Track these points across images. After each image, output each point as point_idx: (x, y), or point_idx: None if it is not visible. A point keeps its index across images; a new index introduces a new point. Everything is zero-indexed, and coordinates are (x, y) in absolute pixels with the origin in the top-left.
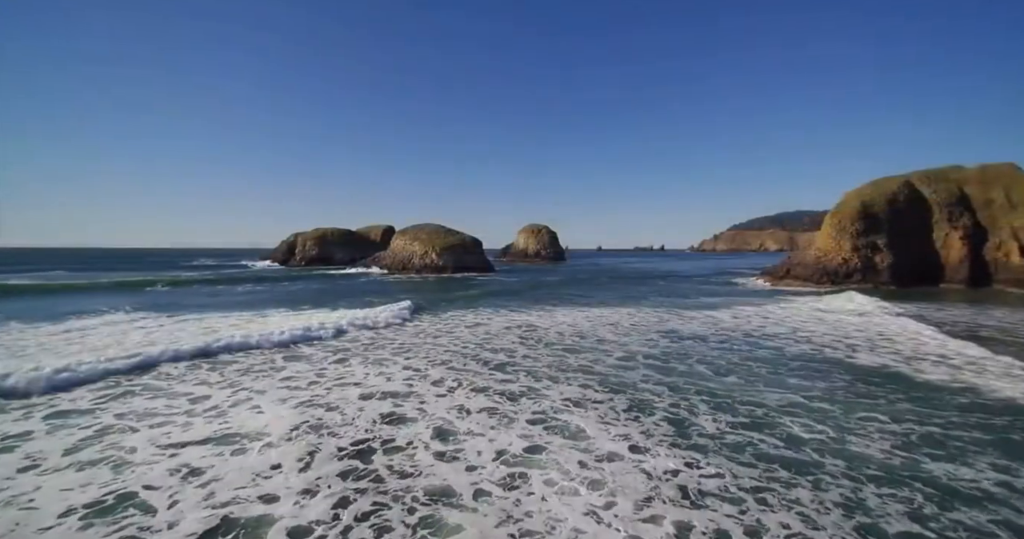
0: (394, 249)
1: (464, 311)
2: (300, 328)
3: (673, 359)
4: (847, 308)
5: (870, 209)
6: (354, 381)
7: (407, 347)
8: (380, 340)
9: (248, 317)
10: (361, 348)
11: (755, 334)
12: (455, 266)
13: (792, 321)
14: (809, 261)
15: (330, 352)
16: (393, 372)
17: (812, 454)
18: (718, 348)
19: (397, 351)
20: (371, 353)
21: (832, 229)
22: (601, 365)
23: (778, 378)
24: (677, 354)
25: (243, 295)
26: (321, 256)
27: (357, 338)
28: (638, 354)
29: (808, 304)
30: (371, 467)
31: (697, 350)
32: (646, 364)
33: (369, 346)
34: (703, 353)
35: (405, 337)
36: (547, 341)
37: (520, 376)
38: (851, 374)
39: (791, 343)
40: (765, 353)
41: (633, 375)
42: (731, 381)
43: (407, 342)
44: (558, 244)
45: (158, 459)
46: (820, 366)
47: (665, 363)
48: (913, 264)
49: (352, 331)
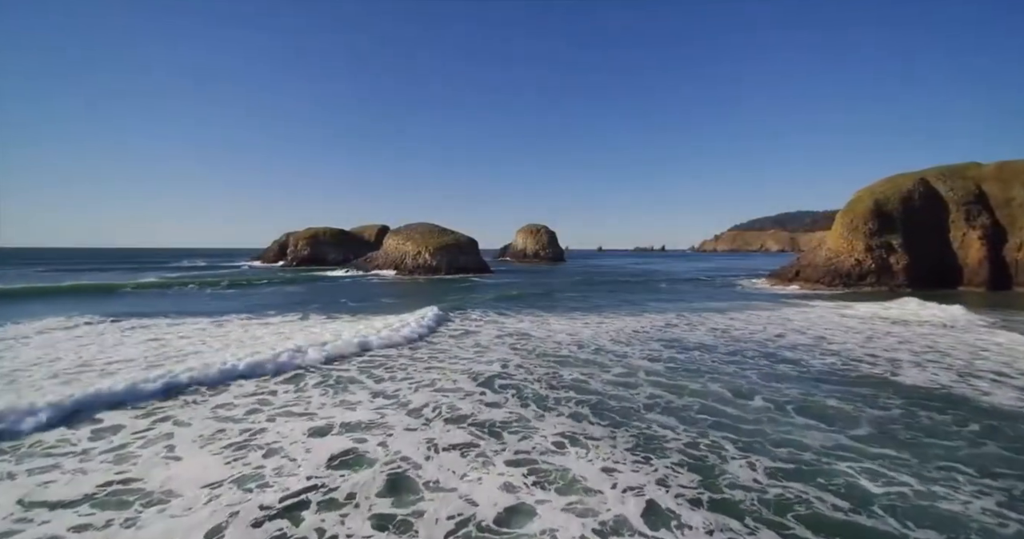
0: (386, 249)
1: (452, 318)
2: (247, 358)
3: (682, 376)
4: (919, 317)
5: (884, 207)
6: (305, 411)
7: (378, 363)
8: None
9: (204, 325)
10: (322, 374)
11: (771, 345)
12: (449, 267)
13: (815, 329)
14: (819, 262)
15: (280, 382)
16: (360, 399)
17: (889, 520)
18: (732, 362)
19: (364, 368)
20: (336, 371)
21: (844, 229)
22: (598, 381)
23: (816, 404)
24: (686, 369)
25: (209, 300)
26: (313, 256)
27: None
28: (640, 369)
29: (830, 309)
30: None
31: (708, 364)
32: (650, 382)
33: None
34: (715, 368)
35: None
36: (541, 351)
37: (508, 397)
38: (904, 398)
39: (817, 356)
40: (788, 369)
41: (637, 397)
42: (757, 407)
43: (378, 356)
44: (557, 244)
45: (15, 525)
46: (862, 388)
47: (672, 381)
48: (930, 265)
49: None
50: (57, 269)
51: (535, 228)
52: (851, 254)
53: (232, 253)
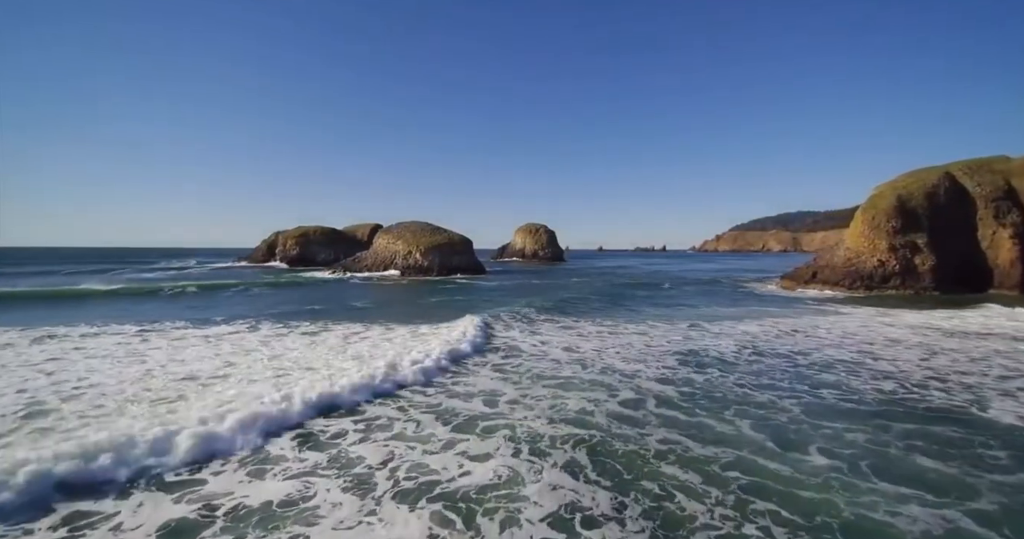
0: (376, 249)
1: (436, 328)
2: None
3: (702, 407)
4: (987, 328)
5: (907, 204)
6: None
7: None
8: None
9: (118, 340)
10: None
11: (805, 362)
12: (441, 267)
13: (853, 342)
14: (838, 263)
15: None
16: (287, 468)
17: None
18: (761, 386)
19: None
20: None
21: (865, 227)
22: (601, 414)
23: (896, 459)
24: (706, 396)
25: (163, 305)
26: (303, 256)
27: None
28: (649, 396)
29: (864, 317)
30: None
31: (732, 389)
32: (664, 418)
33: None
34: (743, 397)
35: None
36: (537, 372)
37: (497, 440)
38: (1011, 448)
39: (867, 379)
40: (836, 398)
41: (648, 440)
42: (814, 464)
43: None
44: (557, 244)
45: None
46: (946, 428)
47: (691, 416)
48: (956, 266)
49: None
50: (18, 272)
51: (534, 227)
52: (873, 254)
53: (225, 253)
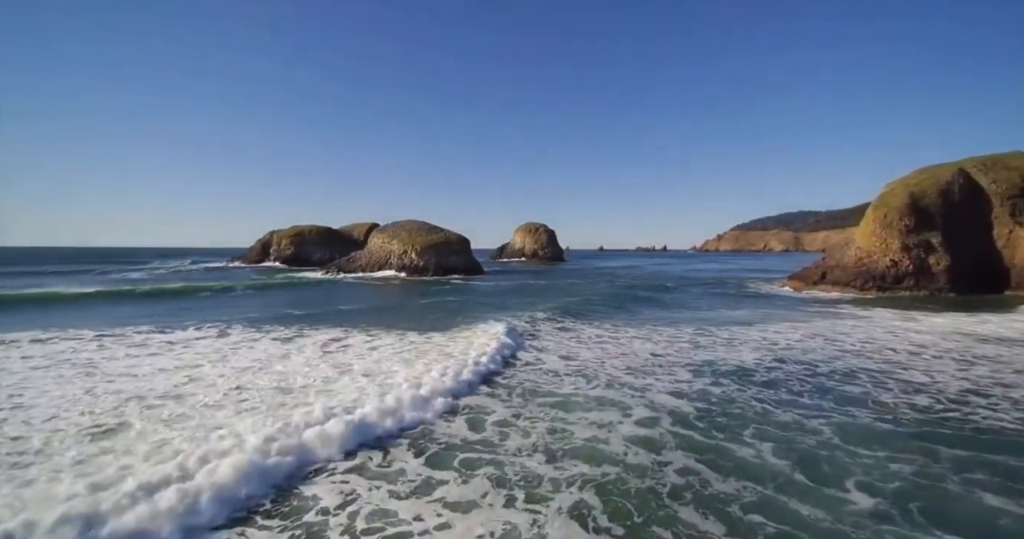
0: (370, 248)
1: (425, 335)
2: None
3: (720, 427)
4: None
5: (920, 202)
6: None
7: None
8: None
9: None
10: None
11: (826, 371)
12: (437, 267)
13: (876, 348)
14: (849, 263)
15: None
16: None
17: None
18: (783, 402)
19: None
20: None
21: (877, 225)
22: (614, 440)
23: (949, 495)
24: (724, 412)
25: (132, 307)
26: (297, 255)
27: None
28: (663, 413)
29: (881, 319)
30: None
31: (752, 405)
32: (680, 439)
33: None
34: (764, 414)
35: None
36: (531, 387)
37: (484, 485)
38: None
39: (898, 392)
40: (869, 416)
41: (665, 472)
42: (853, 505)
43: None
44: (557, 244)
45: None
46: (998, 455)
47: (709, 437)
48: (970, 266)
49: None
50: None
51: (534, 227)
52: (885, 254)
53: (225, 252)
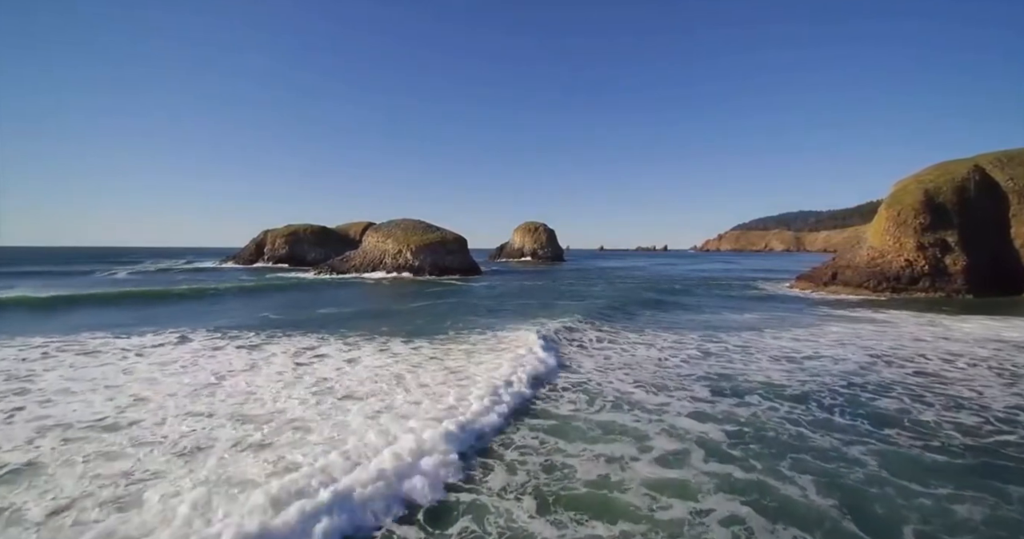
0: (365, 248)
1: (411, 344)
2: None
3: (754, 454)
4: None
5: (936, 199)
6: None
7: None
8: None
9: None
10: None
11: (858, 384)
12: (433, 267)
13: (907, 356)
14: (861, 263)
15: None
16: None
17: None
18: (816, 422)
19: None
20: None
21: (890, 224)
22: (630, 483)
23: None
24: (756, 437)
25: (93, 313)
26: (292, 255)
27: None
28: (690, 442)
29: (905, 325)
30: None
31: (784, 427)
32: (715, 478)
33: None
34: (800, 438)
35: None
36: (522, 407)
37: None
38: None
39: (940, 409)
40: (913, 443)
41: (707, 524)
42: None
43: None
44: (556, 243)
45: None
46: None
47: (747, 470)
48: (986, 266)
49: None
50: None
51: (533, 226)
52: (900, 253)
53: (223, 252)
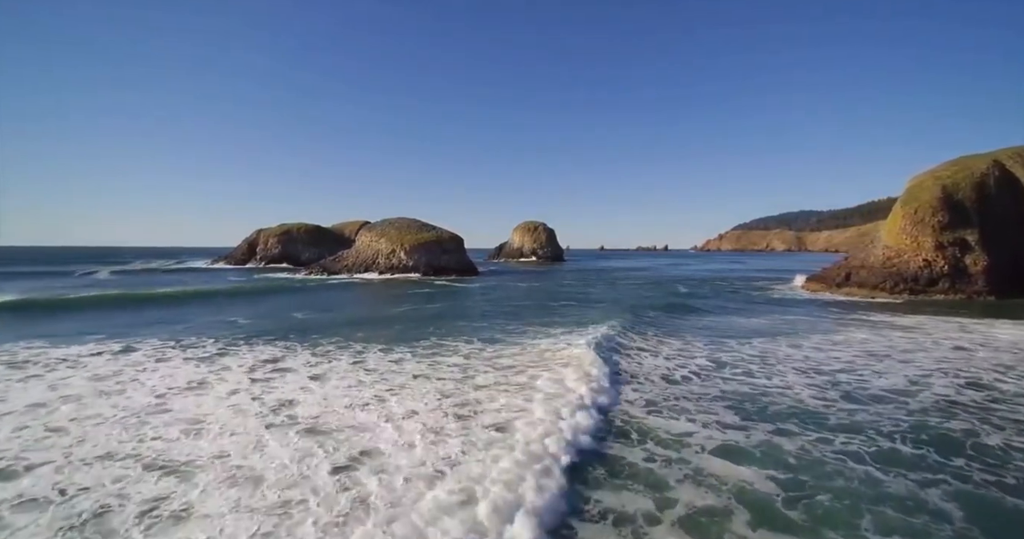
0: (358, 247)
1: (389, 355)
2: None
3: (817, 510)
4: None
5: (954, 196)
6: None
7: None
8: None
9: None
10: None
11: (911, 405)
12: (428, 267)
13: (954, 369)
14: (876, 264)
15: None
16: None
17: None
18: (880, 456)
19: None
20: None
21: (907, 222)
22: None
23: None
24: (815, 483)
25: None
26: (285, 255)
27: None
28: (726, 495)
29: (938, 330)
30: None
31: (843, 466)
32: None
33: None
34: (865, 480)
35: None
36: (507, 438)
37: None
38: None
39: (1017, 434)
40: (996, 482)
41: None
42: None
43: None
44: (556, 243)
45: None
46: None
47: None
48: (1010, 266)
49: None
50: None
51: (532, 225)
52: (917, 253)
53: (219, 252)
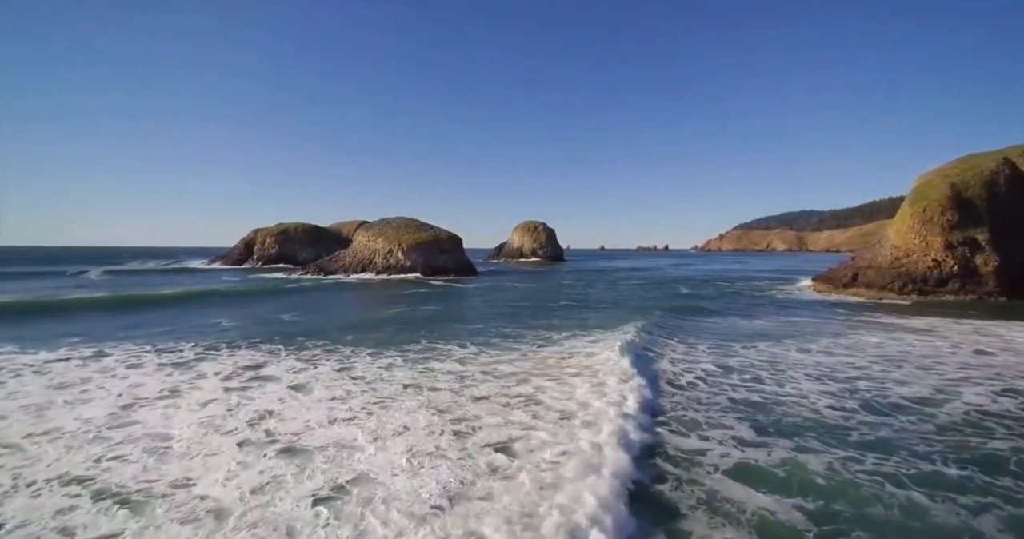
0: (355, 247)
1: (378, 361)
2: None
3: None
4: None
5: (964, 194)
6: None
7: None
8: None
9: None
10: None
11: (941, 419)
12: (425, 267)
13: (983, 377)
14: (883, 264)
15: None
16: None
17: None
18: (918, 477)
19: None
20: None
21: (916, 221)
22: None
23: None
24: (853, 513)
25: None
26: (283, 254)
27: None
28: (747, 531)
29: (954, 333)
30: None
31: (891, 493)
32: None
33: None
34: (914, 513)
35: None
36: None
37: None
38: None
39: None
40: None
41: None
42: None
43: None
44: (556, 243)
45: None
46: None
47: None
48: (1021, 267)
49: None
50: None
51: (532, 225)
52: (926, 253)
53: (214, 251)
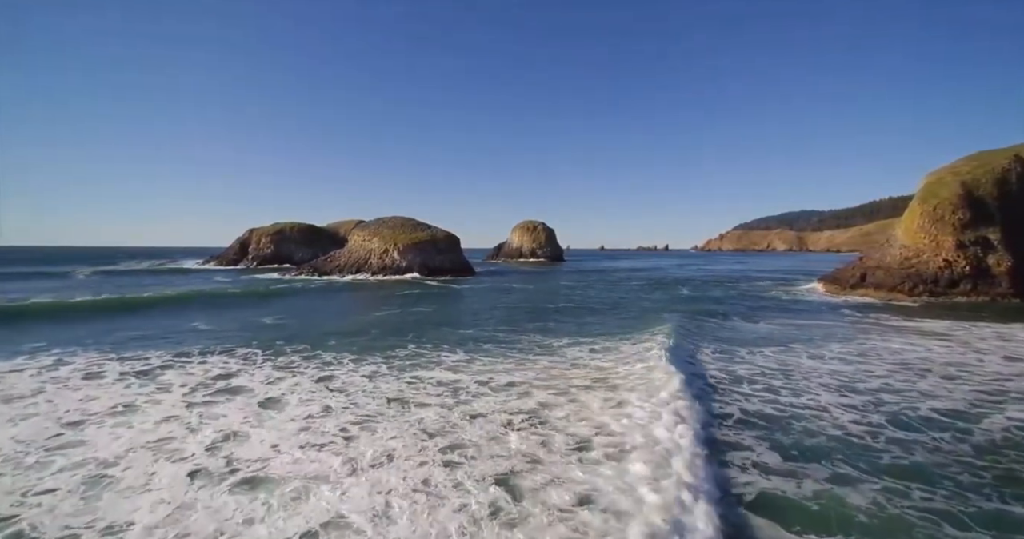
0: (350, 247)
1: (361, 368)
2: None
3: None
4: None
5: (975, 193)
6: None
7: None
8: None
9: None
10: None
11: (976, 436)
12: (422, 267)
13: (1018, 388)
14: (893, 264)
15: None
16: None
17: None
18: (982, 518)
19: None
20: None
21: (925, 220)
22: None
23: None
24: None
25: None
26: (278, 255)
27: None
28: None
29: (972, 337)
30: None
31: (918, 524)
32: None
33: None
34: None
35: None
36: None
37: None
38: None
39: None
40: None
41: None
42: None
43: None
44: (556, 243)
45: None
46: None
47: None
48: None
49: None
50: None
51: (532, 224)
52: (937, 253)
53: (212, 251)
